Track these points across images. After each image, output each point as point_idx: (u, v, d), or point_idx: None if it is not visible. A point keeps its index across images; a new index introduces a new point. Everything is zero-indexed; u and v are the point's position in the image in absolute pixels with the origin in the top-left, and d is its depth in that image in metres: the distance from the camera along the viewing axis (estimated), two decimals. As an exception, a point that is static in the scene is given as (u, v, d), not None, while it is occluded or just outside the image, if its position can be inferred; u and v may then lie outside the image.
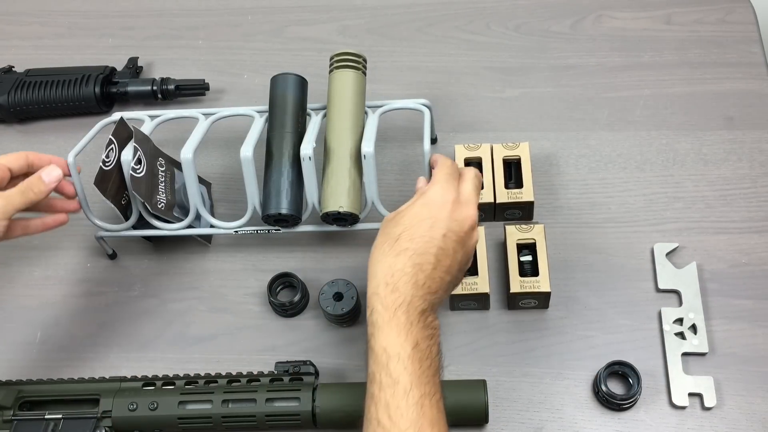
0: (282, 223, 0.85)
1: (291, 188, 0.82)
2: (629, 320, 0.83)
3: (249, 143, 0.81)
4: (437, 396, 0.64)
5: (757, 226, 0.88)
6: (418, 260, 0.67)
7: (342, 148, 0.82)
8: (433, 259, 0.68)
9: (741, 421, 0.76)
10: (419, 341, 0.64)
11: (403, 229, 0.69)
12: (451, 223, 0.69)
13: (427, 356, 0.64)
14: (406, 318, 0.65)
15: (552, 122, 0.98)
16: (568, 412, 0.78)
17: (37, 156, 0.80)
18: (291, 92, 0.86)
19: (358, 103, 0.85)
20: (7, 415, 0.75)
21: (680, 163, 0.93)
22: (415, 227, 0.69)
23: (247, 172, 0.81)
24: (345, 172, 0.82)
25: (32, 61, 1.07)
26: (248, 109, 0.89)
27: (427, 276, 0.67)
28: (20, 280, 0.91)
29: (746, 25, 1.04)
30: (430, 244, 0.68)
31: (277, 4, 1.13)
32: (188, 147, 0.81)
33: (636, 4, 1.08)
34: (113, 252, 0.92)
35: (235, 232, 0.87)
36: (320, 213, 0.83)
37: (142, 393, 0.76)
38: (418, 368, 0.63)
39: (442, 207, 0.70)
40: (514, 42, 1.06)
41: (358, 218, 0.83)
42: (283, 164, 0.83)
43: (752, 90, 0.98)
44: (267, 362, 0.81)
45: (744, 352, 0.80)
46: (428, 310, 0.67)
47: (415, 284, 0.66)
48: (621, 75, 1.01)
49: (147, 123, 0.88)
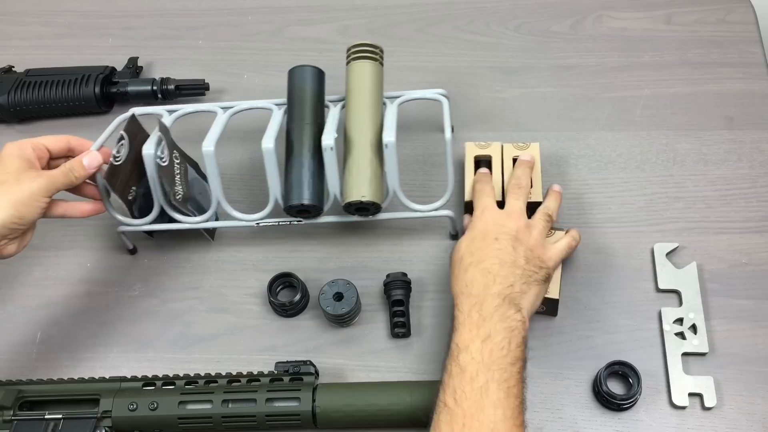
0: (304, 214, 0.85)
1: (312, 179, 0.83)
2: (629, 320, 0.83)
3: (270, 135, 0.81)
4: (510, 382, 0.68)
5: (757, 226, 0.88)
6: (483, 266, 0.75)
7: (362, 139, 0.83)
8: (497, 260, 0.75)
9: (741, 421, 0.76)
10: (492, 333, 0.69)
11: (463, 251, 0.78)
12: (498, 228, 0.78)
13: (502, 347, 0.69)
14: (479, 315, 0.71)
15: (552, 122, 0.98)
16: (568, 412, 0.78)
17: (79, 141, 0.83)
18: (309, 84, 0.86)
19: (377, 93, 0.86)
20: (7, 415, 0.75)
21: (680, 163, 0.93)
22: (471, 245, 0.78)
23: (269, 164, 0.81)
24: (366, 162, 0.82)
25: (32, 61, 1.07)
26: (267, 102, 0.90)
27: (496, 274, 0.74)
28: (20, 280, 0.91)
29: (746, 25, 1.04)
30: (488, 250, 0.76)
31: (277, 4, 1.13)
32: (209, 140, 0.81)
33: (636, 4, 1.08)
34: (134, 247, 0.92)
35: (256, 224, 0.86)
36: (342, 203, 0.83)
37: (142, 393, 0.76)
38: (488, 357, 0.68)
39: (486, 221, 0.79)
40: (514, 42, 1.06)
41: (380, 207, 0.83)
42: (304, 155, 0.83)
43: (752, 90, 0.98)
44: (267, 362, 0.81)
45: (744, 352, 0.80)
46: (505, 304, 0.72)
47: (485, 285, 0.73)
48: (621, 75, 1.01)
49: (165, 117, 0.88)
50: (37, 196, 0.75)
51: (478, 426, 0.65)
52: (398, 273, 0.84)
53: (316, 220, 0.86)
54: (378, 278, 0.86)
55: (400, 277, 0.84)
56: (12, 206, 0.73)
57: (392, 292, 0.83)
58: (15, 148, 0.77)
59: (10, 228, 0.74)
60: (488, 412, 0.65)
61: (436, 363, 0.82)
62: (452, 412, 0.66)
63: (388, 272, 0.85)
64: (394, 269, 0.86)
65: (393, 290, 0.83)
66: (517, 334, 0.70)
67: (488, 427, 0.65)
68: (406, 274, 0.85)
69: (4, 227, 0.73)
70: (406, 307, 0.83)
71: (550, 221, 0.82)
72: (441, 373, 0.70)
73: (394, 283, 0.84)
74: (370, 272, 0.87)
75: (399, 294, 0.83)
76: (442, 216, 0.86)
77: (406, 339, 0.84)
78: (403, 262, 0.88)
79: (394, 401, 0.75)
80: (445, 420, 0.66)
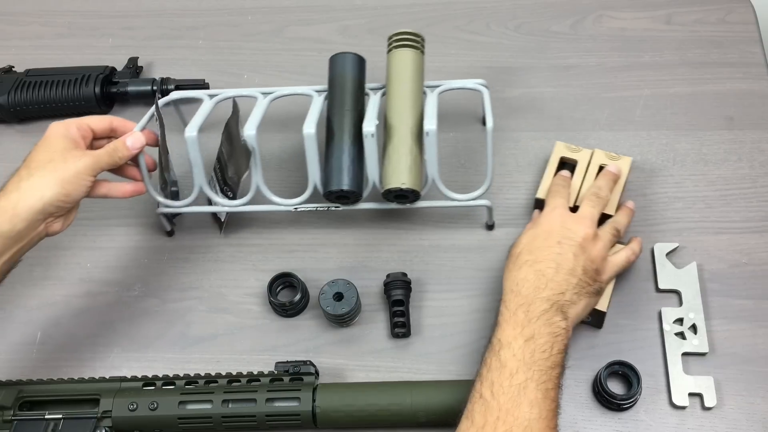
0: (342, 200, 0.85)
1: (352, 165, 0.83)
2: (629, 320, 0.83)
3: (311, 121, 0.81)
4: (548, 385, 0.68)
5: (757, 226, 0.88)
6: (539, 267, 0.74)
7: (403, 126, 0.83)
8: (554, 264, 0.74)
9: (741, 421, 0.76)
10: (536, 335, 0.69)
11: (522, 247, 0.77)
12: (564, 231, 0.77)
13: (544, 350, 0.69)
14: (525, 316, 0.71)
15: (552, 122, 0.98)
16: (568, 412, 0.78)
17: (121, 122, 0.83)
18: (350, 71, 0.87)
19: (418, 81, 0.86)
20: (7, 415, 0.75)
21: (680, 163, 0.93)
22: (532, 242, 0.77)
23: (310, 149, 0.81)
24: (406, 150, 0.82)
25: (32, 61, 1.07)
26: (307, 89, 0.90)
27: (550, 279, 0.73)
28: (20, 280, 0.91)
29: (746, 25, 1.04)
30: (548, 252, 0.75)
31: (277, 4, 1.13)
32: (251, 124, 0.82)
33: (636, 4, 1.08)
34: (171, 229, 0.92)
35: (294, 209, 0.87)
36: (381, 190, 0.83)
37: (142, 393, 0.76)
38: (530, 357, 0.68)
39: (553, 221, 0.79)
40: (514, 42, 1.06)
41: (419, 195, 0.83)
42: (345, 142, 0.83)
43: (752, 90, 0.98)
44: (267, 362, 0.81)
45: (744, 352, 0.80)
46: (553, 310, 0.72)
47: (536, 288, 0.73)
48: (621, 75, 1.01)
49: (206, 102, 0.88)
50: (83, 175, 0.76)
51: (513, 421, 0.65)
52: (398, 273, 0.84)
53: (354, 207, 0.86)
54: (378, 278, 0.86)
55: (400, 277, 0.84)
56: (59, 184, 0.74)
57: (392, 292, 0.83)
58: (61, 128, 0.78)
59: (57, 206, 0.75)
60: (524, 409, 0.66)
61: (436, 363, 0.82)
62: (488, 404, 0.66)
63: (388, 272, 0.85)
64: (394, 269, 0.86)
65: (393, 290, 0.83)
66: (560, 340, 0.70)
67: (522, 424, 0.65)
68: (406, 274, 0.85)
69: (51, 205, 0.74)
70: (406, 307, 0.83)
71: (617, 236, 0.81)
72: (478, 365, 0.70)
73: (394, 283, 0.84)
74: (370, 272, 0.87)
75: (399, 294, 0.83)
76: (479, 205, 0.86)
77: (406, 339, 0.84)
78: (403, 262, 0.88)
79: (394, 401, 0.75)
80: (479, 410, 0.66)
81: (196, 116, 0.84)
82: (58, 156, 0.76)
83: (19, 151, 1.01)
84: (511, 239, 0.89)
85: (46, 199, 0.74)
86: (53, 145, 0.77)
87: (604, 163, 0.88)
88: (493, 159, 0.82)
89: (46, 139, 0.78)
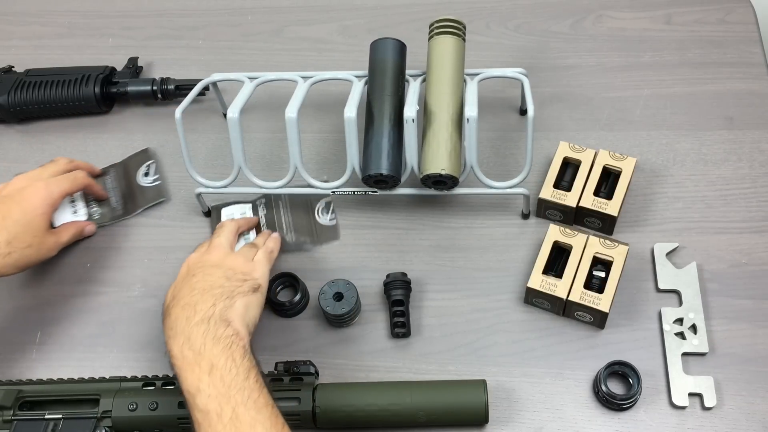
0: (381, 185, 0.85)
1: (392, 150, 0.83)
2: (629, 320, 0.83)
3: (352, 105, 0.82)
4: (253, 396, 0.66)
5: (757, 226, 0.88)
6: (183, 302, 0.73)
7: (443, 112, 0.83)
8: (195, 292, 0.73)
9: (741, 421, 0.76)
10: (214, 361, 0.67)
11: (168, 298, 0.75)
12: (197, 265, 0.77)
13: (229, 368, 0.67)
14: (191, 352, 0.68)
15: (552, 122, 0.98)
16: (568, 412, 0.78)
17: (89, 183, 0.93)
18: (391, 57, 0.88)
19: (458, 68, 0.86)
20: (7, 415, 0.75)
21: (680, 163, 0.93)
22: (173, 291, 0.76)
23: (350, 133, 0.81)
24: (446, 136, 0.82)
25: (32, 61, 1.07)
26: (347, 74, 0.90)
27: (196, 303, 0.72)
28: (20, 280, 0.91)
29: (746, 25, 1.04)
30: (187, 288, 0.74)
31: (277, 4, 1.13)
32: (292, 107, 0.82)
33: (636, 4, 1.08)
34: (209, 209, 0.93)
35: (332, 192, 0.87)
36: (420, 176, 0.83)
37: (142, 393, 0.76)
38: (222, 386, 0.65)
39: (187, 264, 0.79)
40: (514, 42, 1.06)
41: (457, 181, 0.83)
42: (384, 126, 0.83)
43: (752, 90, 0.98)
44: (267, 362, 0.81)
45: (744, 352, 0.80)
46: (212, 326, 0.70)
47: (187, 319, 0.70)
48: (621, 75, 1.01)
49: (246, 84, 0.89)
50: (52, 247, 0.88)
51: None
52: (398, 273, 0.84)
53: (391, 192, 0.86)
54: (378, 278, 0.86)
55: (400, 277, 0.84)
56: None
57: (392, 292, 0.83)
58: (45, 205, 0.86)
59: None
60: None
61: (436, 363, 0.82)
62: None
63: (388, 272, 0.85)
64: (394, 269, 0.86)
65: (393, 290, 0.83)
66: (237, 347, 0.68)
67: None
68: (406, 274, 0.85)
69: None
70: (406, 307, 0.83)
71: (252, 246, 0.83)
72: None
73: (394, 283, 0.84)
74: (370, 272, 0.87)
75: (399, 294, 0.83)
76: (516, 193, 0.86)
77: (406, 339, 0.84)
78: (403, 262, 0.88)
79: (394, 401, 0.75)
80: None
81: (237, 98, 0.85)
82: (37, 241, 0.84)
83: (19, 151, 1.02)
84: (512, 239, 0.89)
85: None
86: (34, 226, 0.84)
87: (608, 163, 0.88)
88: (533, 146, 0.82)
89: (26, 212, 0.84)
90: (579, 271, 0.81)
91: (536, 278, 0.81)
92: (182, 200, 0.95)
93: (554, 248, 0.84)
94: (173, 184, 0.97)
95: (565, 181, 0.89)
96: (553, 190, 0.87)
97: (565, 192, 0.87)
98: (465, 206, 0.92)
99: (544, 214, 0.89)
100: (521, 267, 0.87)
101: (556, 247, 0.84)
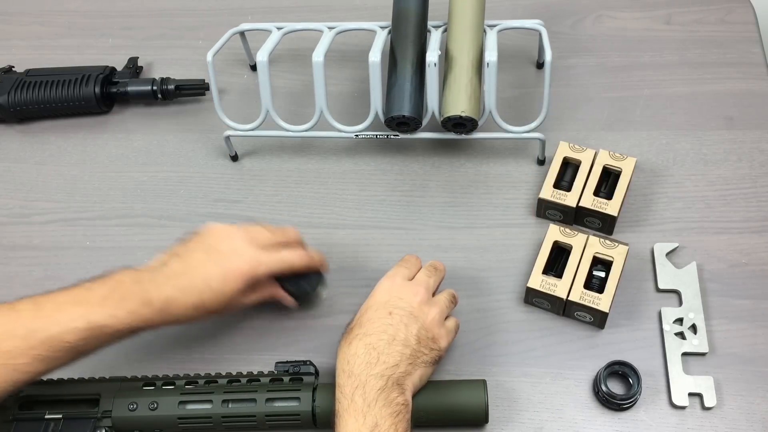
0: (402, 127, 0.88)
1: (414, 93, 0.86)
2: (629, 320, 0.83)
3: (376, 50, 0.85)
4: None
5: (757, 226, 0.88)
6: (369, 341, 0.71)
7: (464, 57, 0.86)
8: (385, 336, 0.71)
9: (741, 421, 0.76)
10: (379, 422, 0.66)
11: (355, 321, 0.74)
12: (395, 300, 0.74)
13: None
14: (362, 401, 0.67)
15: (552, 122, 0.98)
16: (568, 412, 0.78)
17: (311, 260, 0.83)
18: (413, 4, 0.91)
19: (479, 15, 0.91)
20: (7, 415, 0.75)
21: (680, 163, 0.93)
22: (364, 315, 0.74)
23: (374, 78, 0.84)
24: (467, 80, 0.85)
25: (32, 61, 1.07)
26: (371, 24, 0.95)
27: (381, 352, 0.70)
28: (20, 280, 0.91)
29: (746, 25, 1.04)
30: (378, 323, 0.72)
31: (276, 4, 1.13)
32: (318, 51, 0.86)
33: (636, 4, 1.08)
34: (236, 153, 0.97)
35: (355, 135, 0.90)
36: (440, 118, 0.86)
37: (142, 393, 0.76)
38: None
39: (385, 291, 0.75)
40: (514, 42, 1.06)
41: (476, 124, 0.86)
42: (407, 71, 0.87)
43: (752, 90, 0.98)
44: (267, 362, 0.81)
45: (744, 352, 0.80)
46: (389, 387, 0.68)
47: (368, 364, 0.69)
48: (621, 75, 1.01)
49: (274, 33, 0.92)
50: None
51: None
52: (398, 273, 0.84)
53: (412, 135, 0.89)
54: (378, 278, 0.85)
55: (400, 277, 0.84)
56: None
57: (392, 292, 0.83)
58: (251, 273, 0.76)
59: None
60: None
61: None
62: None
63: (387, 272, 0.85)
64: (394, 269, 0.86)
65: (393, 290, 0.83)
66: (402, 418, 0.67)
67: None
68: (406, 274, 0.85)
69: None
70: (407, 307, 0.83)
71: (454, 302, 0.79)
72: None
73: (394, 283, 0.83)
74: (371, 272, 0.87)
75: (399, 294, 0.83)
76: (533, 138, 0.90)
77: (406, 339, 0.84)
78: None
79: (394, 401, 0.75)
80: None
81: (266, 43, 0.88)
82: (220, 310, 0.76)
83: (19, 151, 1.02)
84: (512, 239, 0.89)
85: None
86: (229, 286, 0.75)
87: (608, 163, 0.88)
88: (550, 92, 0.85)
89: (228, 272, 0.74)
90: (579, 271, 0.81)
91: (536, 278, 0.81)
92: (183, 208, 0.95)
93: (554, 248, 0.84)
94: (173, 185, 0.97)
95: (565, 181, 0.89)
96: (553, 190, 0.87)
97: (565, 192, 0.87)
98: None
99: (544, 214, 0.89)
100: (521, 267, 0.87)
101: (556, 247, 0.84)
